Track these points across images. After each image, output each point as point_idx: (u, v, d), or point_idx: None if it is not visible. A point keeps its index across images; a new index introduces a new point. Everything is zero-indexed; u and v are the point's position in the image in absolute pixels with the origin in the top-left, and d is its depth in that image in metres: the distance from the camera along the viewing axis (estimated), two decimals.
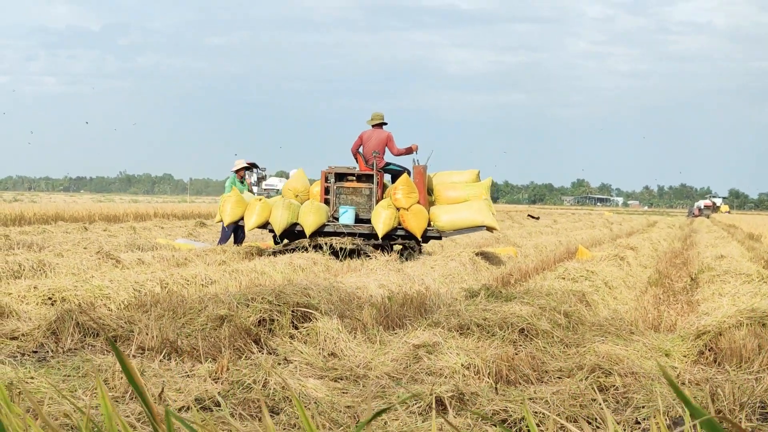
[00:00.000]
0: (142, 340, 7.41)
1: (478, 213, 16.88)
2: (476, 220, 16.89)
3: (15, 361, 6.65)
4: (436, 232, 17.08)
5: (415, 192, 16.93)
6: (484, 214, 16.89)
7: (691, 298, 12.08)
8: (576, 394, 5.76)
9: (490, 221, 16.94)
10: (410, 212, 16.79)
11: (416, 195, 16.92)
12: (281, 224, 16.84)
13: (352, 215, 17.31)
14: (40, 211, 33.69)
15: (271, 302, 8.32)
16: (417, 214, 16.82)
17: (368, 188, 17.45)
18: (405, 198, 16.79)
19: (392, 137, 17.75)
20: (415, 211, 16.82)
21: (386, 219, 16.70)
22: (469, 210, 16.96)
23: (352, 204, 17.43)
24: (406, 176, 17.13)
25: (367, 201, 17.39)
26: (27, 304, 9.48)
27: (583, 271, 13.18)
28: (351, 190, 17.55)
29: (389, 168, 17.93)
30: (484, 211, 16.91)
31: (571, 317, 8.71)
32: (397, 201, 16.82)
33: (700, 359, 7.46)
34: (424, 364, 6.80)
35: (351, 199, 17.50)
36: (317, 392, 5.81)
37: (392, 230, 16.90)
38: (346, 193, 17.54)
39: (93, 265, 13.22)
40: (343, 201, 17.49)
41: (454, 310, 8.40)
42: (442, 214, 17.02)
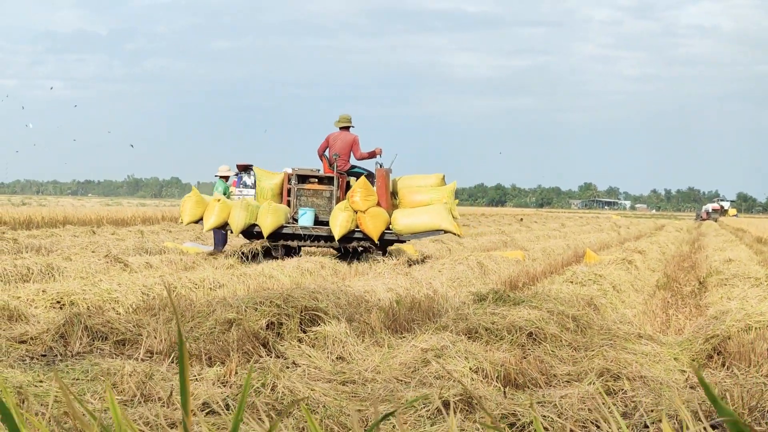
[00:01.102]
0: (151, 343, 7.43)
1: (437, 217, 16.77)
2: (434, 224, 16.76)
3: (24, 364, 6.66)
4: (395, 235, 16.98)
5: (373, 195, 16.87)
6: (442, 218, 16.77)
7: (699, 302, 12.06)
8: (584, 398, 5.75)
9: (448, 225, 16.78)
10: (367, 215, 16.71)
11: (374, 198, 16.86)
12: (239, 225, 16.87)
13: (311, 217, 17.25)
14: (48, 215, 33.72)
15: (279, 306, 8.32)
16: (374, 216, 16.73)
17: (329, 190, 17.40)
18: (362, 201, 16.73)
19: (358, 140, 17.71)
20: (372, 213, 16.73)
21: (343, 221, 16.63)
22: (428, 214, 16.86)
23: (313, 206, 17.38)
24: (363, 179, 17.03)
25: (327, 203, 17.32)
26: (35, 307, 9.49)
27: (591, 275, 13.16)
28: (312, 192, 17.51)
29: (354, 171, 17.85)
30: (443, 215, 16.78)
31: (579, 321, 8.69)
32: (354, 203, 16.77)
33: (709, 363, 7.45)
34: (432, 368, 6.80)
35: (312, 201, 17.46)
36: (325, 396, 5.81)
37: (350, 232, 16.82)
38: (307, 195, 17.51)
39: (101, 268, 13.24)
40: (303, 203, 17.45)
41: (462, 314, 8.39)
42: (402, 217, 16.93)
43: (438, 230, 16.88)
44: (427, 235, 17.07)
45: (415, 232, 16.89)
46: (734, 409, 5.57)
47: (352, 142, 17.68)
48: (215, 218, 17.07)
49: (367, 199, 16.77)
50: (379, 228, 16.74)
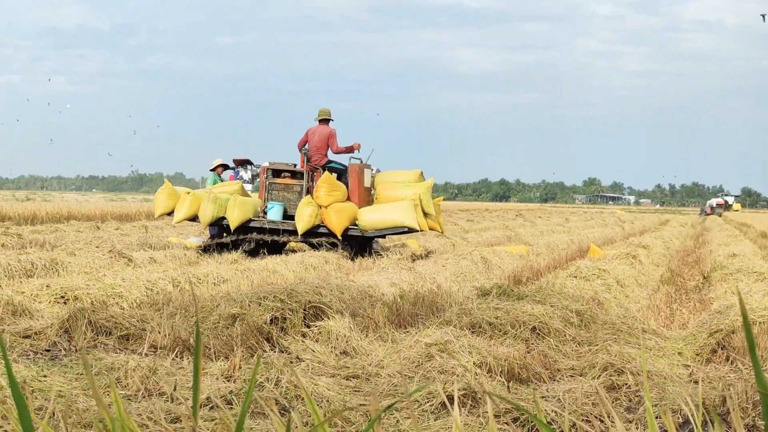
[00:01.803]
0: (155, 338, 7.43)
1: (401, 213, 16.55)
2: (397, 220, 16.57)
3: (28, 359, 6.66)
4: (359, 231, 16.84)
5: (338, 190, 16.75)
6: (406, 214, 16.52)
7: (703, 297, 12.06)
8: (588, 392, 5.75)
9: (411, 222, 16.53)
10: (330, 210, 16.60)
11: (339, 193, 16.74)
12: (207, 218, 17.02)
13: (279, 211, 17.24)
14: (53, 210, 33.77)
15: (283, 301, 8.32)
16: (339, 212, 16.61)
17: (299, 185, 17.39)
18: (326, 196, 16.62)
19: (335, 134, 17.57)
20: (336, 209, 16.61)
21: (307, 216, 16.59)
22: (392, 211, 16.69)
23: (284, 200, 17.38)
24: (327, 174, 16.87)
25: (297, 198, 17.29)
26: (40, 302, 9.50)
27: (595, 270, 13.16)
28: (282, 186, 17.52)
29: (330, 166, 17.72)
30: (407, 212, 16.53)
31: (583, 316, 8.69)
32: (317, 198, 16.69)
33: (713, 357, 7.44)
34: (436, 362, 6.79)
35: (283, 195, 17.46)
36: (329, 391, 5.81)
37: (315, 227, 16.75)
38: (278, 189, 17.52)
39: (105, 263, 13.25)
40: (275, 197, 17.47)
41: (466, 309, 8.39)
42: (366, 213, 16.83)
43: (401, 227, 16.64)
44: (391, 232, 16.86)
45: (378, 229, 16.73)
46: (738, 404, 5.57)
47: (328, 136, 17.55)
48: (185, 211, 17.35)
49: (331, 194, 16.65)
50: (342, 224, 16.61)
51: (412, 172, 17.94)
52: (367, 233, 16.80)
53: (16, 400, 1.61)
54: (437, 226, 17.58)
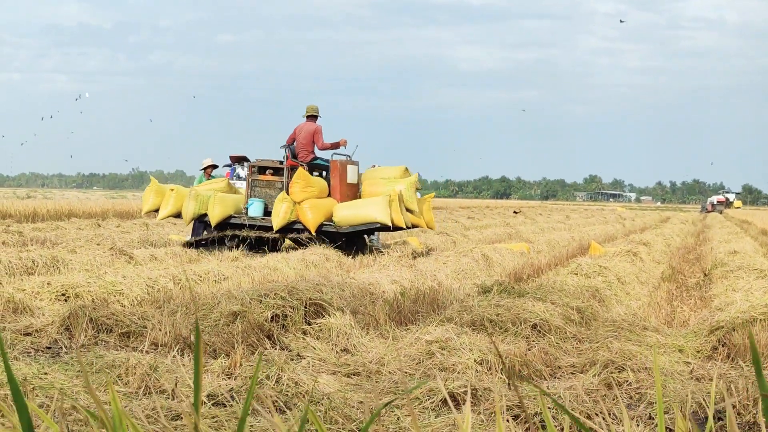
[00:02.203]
0: (155, 335, 7.43)
1: (374, 209, 16.43)
2: (369, 216, 16.44)
3: (29, 357, 6.66)
4: (334, 227, 16.76)
5: (312, 186, 16.69)
6: (379, 210, 16.38)
7: (704, 294, 12.05)
8: (589, 389, 5.75)
9: (383, 218, 16.35)
10: (304, 206, 16.57)
11: (314, 189, 16.67)
12: (189, 215, 17.17)
13: (260, 208, 17.26)
14: (54, 208, 33.76)
15: (284, 298, 8.32)
16: (312, 208, 16.56)
17: (281, 182, 17.39)
18: (300, 192, 16.60)
19: (320, 130, 17.52)
20: (310, 205, 16.57)
21: (282, 212, 16.59)
22: (368, 206, 16.59)
23: (266, 197, 17.40)
24: (301, 170, 16.80)
25: (278, 194, 17.24)
26: (40, 300, 9.50)
27: (595, 267, 13.16)
28: (265, 183, 17.55)
29: (315, 162, 17.71)
30: (380, 208, 16.39)
31: (584, 313, 8.69)
32: (292, 194, 16.69)
33: (714, 355, 7.44)
34: (436, 359, 6.80)
35: (265, 192, 17.48)
36: (330, 388, 5.81)
37: (291, 223, 16.75)
38: (261, 186, 17.55)
39: (106, 261, 13.25)
40: (257, 194, 17.51)
41: (467, 306, 8.39)
42: (341, 209, 16.74)
43: (373, 223, 16.49)
44: (364, 228, 16.69)
45: (352, 225, 16.62)
46: (739, 401, 5.56)
47: (314, 132, 17.51)
48: (169, 208, 17.55)
49: (305, 190, 16.61)
50: (317, 220, 16.57)
51: (397, 168, 17.87)
52: (342, 229, 16.68)
53: (15, 398, 1.61)
54: (422, 222, 17.43)
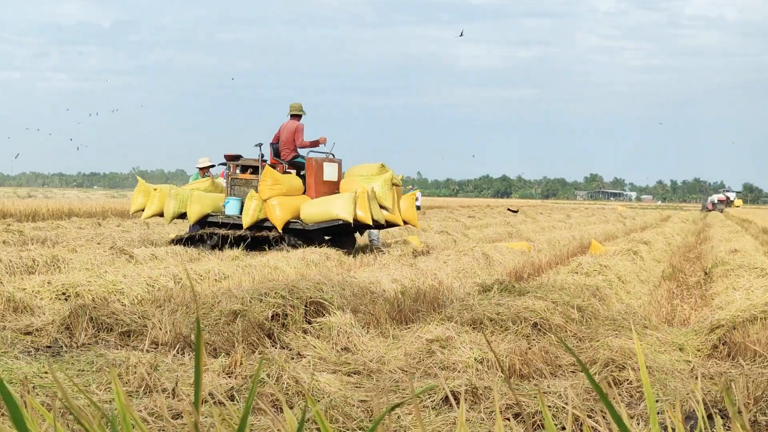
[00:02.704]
0: (156, 334, 7.43)
1: (338, 206, 16.38)
2: (333, 213, 16.40)
3: (29, 356, 6.66)
4: (300, 225, 16.76)
5: (280, 184, 16.71)
6: (342, 207, 16.33)
7: (704, 293, 12.05)
8: (590, 388, 5.75)
9: (345, 215, 16.27)
10: (271, 203, 16.62)
11: (281, 187, 16.68)
12: (169, 214, 17.46)
13: (236, 206, 17.34)
14: (54, 207, 33.77)
15: (284, 297, 8.32)
16: (280, 205, 16.59)
17: (257, 180, 17.42)
18: (267, 189, 16.66)
19: (301, 129, 17.59)
20: (278, 202, 16.61)
21: (251, 210, 16.67)
22: (332, 203, 16.54)
23: (243, 195, 17.49)
24: (268, 168, 16.89)
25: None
26: (41, 299, 9.50)
27: (596, 266, 13.16)
28: (243, 181, 17.67)
29: (297, 161, 17.78)
30: (343, 205, 16.34)
31: (584, 311, 8.69)
32: (260, 192, 16.77)
33: (714, 353, 7.44)
34: (437, 358, 6.80)
35: (243, 190, 17.58)
36: (330, 387, 5.81)
37: (261, 221, 16.82)
38: (239, 185, 17.69)
39: (106, 260, 13.25)
40: (237, 192, 17.64)
41: (467, 305, 8.39)
42: (307, 207, 16.72)
43: (336, 219, 16.41)
44: (328, 225, 16.59)
45: (317, 222, 16.58)
46: (740, 399, 5.56)
47: (294, 130, 17.61)
48: (153, 207, 17.81)
49: (273, 187, 16.65)
50: (284, 217, 16.60)
51: (374, 165, 17.83)
52: (308, 226, 16.64)
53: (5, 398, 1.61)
54: (397, 219, 17.28)
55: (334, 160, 17.61)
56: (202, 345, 1.56)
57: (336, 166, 17.61)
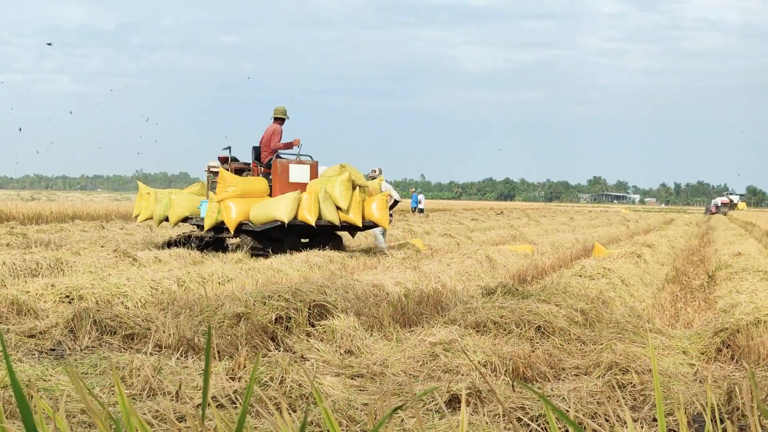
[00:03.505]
0: (159, 337, 7.43)
1: (277, 207, 16.48)
2: (270, 214, 16.52)
3: (33, 358, 6.67)
4: (251, 226, 16.86)
5: (234, 186, 16.86)
6: (280, 209, 16.43)
7: (708, 296, 12.04)
8: (593, 391, 5.74)
9: (281, 216, 16.35)
10: (226, 205, 16.80)
11: (236, 189, 16.83)
12: (157, 217, 18.09)
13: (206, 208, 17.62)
14: (58, 210, 33.81)
15: (287, 300, 8.32)
16: (233, 207, 16.77)
17: None
18: (221, 191, 16.88)
19: (278, 131, 17.81)
20: (231, 204, 16.77)
21: (209, 212, 17.06)
22: (274, 204, 16.65)
23: None
24: (222, 170, 17.13)
25: None
26: (45, 302, 9.51)
27: (600, 269, 13.14)
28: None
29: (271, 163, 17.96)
30: (282, 206, 16.43)
31: (588, 315, 8.68)
32: (217, 194, 17.00)
33: (718, 356, 7.43)
34: (440, 361, 6.79)
35: None
36: (334, 390, 5.81)
37: (221, 223, 17.08)
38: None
39: (110, 263, 13.26)
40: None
41: (471, 308, 8.38)
42: (256, 208, 16.84)
43: (275, 221, 16.50)
44: (269, 226, 16.63)
45: (262, 223, 16.68)
46: (743, 403, 5.56)
47: (271, 133, 17.86)
48: (148, 211, 18.55)
49: (226, 190, 16.83)
50: (237, 218, 16.74)
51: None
52: (256, 227, 16.73)
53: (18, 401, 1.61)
54: (355, 221, 17.09)
55: (304, 162, 17.66)
56: (211, 350, 1.56)
57: (307, 167, 17.62)
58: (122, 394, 1.83)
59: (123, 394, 1.82)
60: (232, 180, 16.96)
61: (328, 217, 16.70)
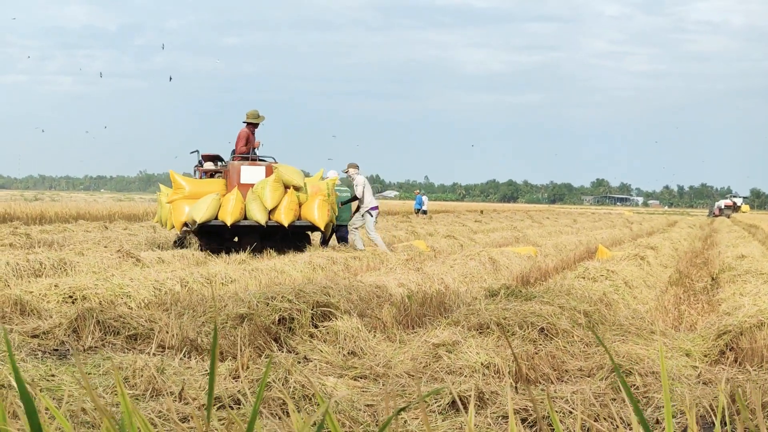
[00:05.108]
0: (162, 338, 7.44)
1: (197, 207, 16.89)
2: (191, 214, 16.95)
3: (36, 358, 6.67)
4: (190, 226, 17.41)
5: (180, 187, 17.44)
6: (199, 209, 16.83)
7: (711, 298, 12.03)
8: (597, 393, 5.74)
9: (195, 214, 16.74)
10: (175, 206, 17.35)
11: (182, 189, 17.35)
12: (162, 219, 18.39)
13: None
14: (61, 210, 33.86)
15: (291, 301, 8.32)
16: (176, 208, 17.35)
17: None
18: (172, 194, 17.61)
19: (242, 135, 18.26)
20: (175, 205, 17.36)
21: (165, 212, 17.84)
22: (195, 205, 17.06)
23: None
24: (171, 173, 17.89)
25: None
26: (48, 302, 9.51)
27: (603, 271, 13.14)
28: None
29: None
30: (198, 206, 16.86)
31: (591, 316, 8.67)
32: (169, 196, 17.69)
33: (721, 359, 7.42)
34: (443, 362, 6.79)
35: None
36: (337, 391, 5.81)
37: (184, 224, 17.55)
38: None
39: (113, 263, 13.27)
40: None
41: (474, 309, 8.38)
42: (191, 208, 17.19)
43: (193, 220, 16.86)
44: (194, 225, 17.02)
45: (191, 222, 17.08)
46: (747, 405, 5.55)
47: (238, 137, 18.34)
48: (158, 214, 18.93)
49: (176, 191, 17.50)
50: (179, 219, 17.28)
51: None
52: (193, 227, 17.15)
53: (23, 400, 1.61)
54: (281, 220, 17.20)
55: (258, 163, 17.84)
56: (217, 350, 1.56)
57: (261, 168, 17.76)
58: (124, 393, 1.83)
59: (125, 393, 1.82)
60: (177, 182, 17.59)
61: (255, 217, 17.03)
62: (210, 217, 16.76)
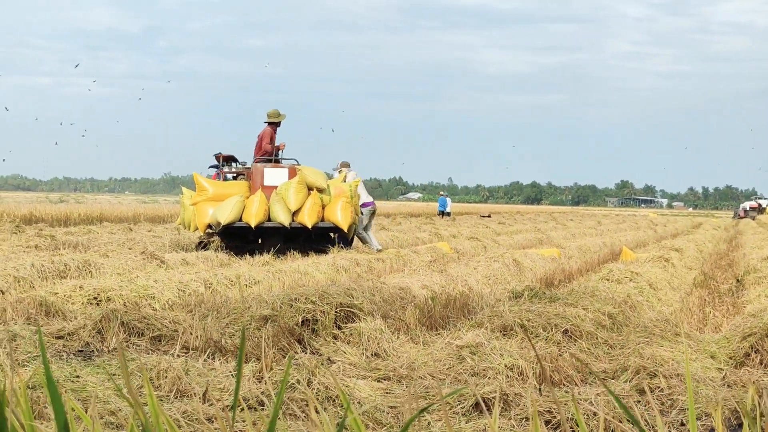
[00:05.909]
0: (187, 339, 7.46)
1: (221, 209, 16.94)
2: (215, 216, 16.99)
3: (61, 359, 6.71)
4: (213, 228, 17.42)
5: (204, 189, 17.42)
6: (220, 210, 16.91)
7: (736, 300, 11.97)
8: (621, 395, 5.72)
9: (220, 218, 16.76)
10: (198, 208, 17.39)
11: (206, 192, 17.35)
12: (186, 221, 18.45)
13: None
14: (86, 212, 34.03)
15: (314, 302, 8.33)
16: (199, 210, 17.37)
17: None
18: (195, 196, 17.63)
19: (266, 134, 18.37)
20: (198, 208, 17.40)
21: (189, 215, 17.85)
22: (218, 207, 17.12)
23: None
24: (195, 175, 17.90)
25: None
26: (73, 303, 9.55)
27: (627, 273, 13.09)
28: None
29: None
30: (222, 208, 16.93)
31: (615, 318, 8.65)
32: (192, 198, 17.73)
33: (746, 361, 7.38)
34: (467, 364, 6.78)
35: None
36: (361, 392, 5.81)
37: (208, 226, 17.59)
38: None
39: (138, 265, 13.32)
40: None
41: (498, 311, 8.36)
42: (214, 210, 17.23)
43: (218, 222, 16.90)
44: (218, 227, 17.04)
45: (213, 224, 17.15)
46: None
47: (261, 137, 18.44)
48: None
49: (199, 194, 17.49)
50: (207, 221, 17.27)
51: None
52: (218, 229, 17.13)
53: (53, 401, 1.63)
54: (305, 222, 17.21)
55: (281, 165, 17.84)
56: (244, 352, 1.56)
57: (285, 170, 17.75)
58: (151, 393, 1.84)
59: (152, 393, 1.83)
60: (201, 185, 17.57)
61: (279, 218, 17.05)
62: (234, 218, 16.79)
